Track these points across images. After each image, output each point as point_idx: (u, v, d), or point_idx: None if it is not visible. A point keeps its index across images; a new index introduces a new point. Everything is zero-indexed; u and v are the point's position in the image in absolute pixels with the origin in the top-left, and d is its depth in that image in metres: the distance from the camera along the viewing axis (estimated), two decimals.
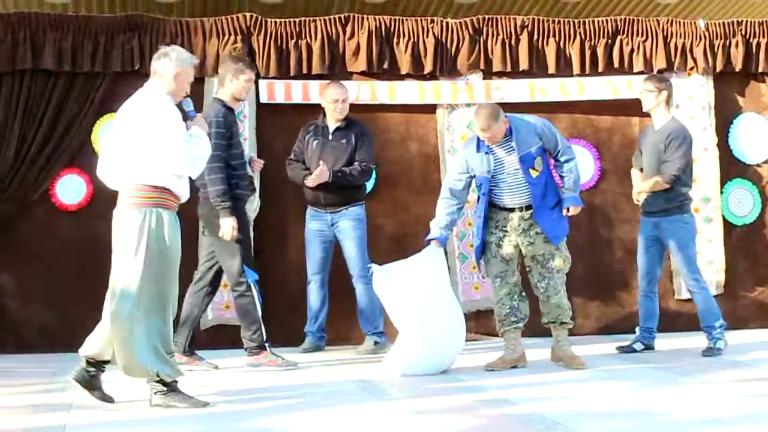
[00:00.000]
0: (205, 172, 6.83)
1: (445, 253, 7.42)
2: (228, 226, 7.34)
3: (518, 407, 5.63)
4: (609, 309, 9.43)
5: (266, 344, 7.48)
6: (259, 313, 7.45)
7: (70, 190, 8.69)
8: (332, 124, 8.38)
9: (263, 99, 8.90)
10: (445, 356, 7.03)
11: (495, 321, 7.47)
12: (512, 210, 7.22)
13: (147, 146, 5.82)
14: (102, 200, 8.57)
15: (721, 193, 9.63)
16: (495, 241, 7.24)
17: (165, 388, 5.82)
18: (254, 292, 7.47)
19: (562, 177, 7.33)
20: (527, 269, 7.34)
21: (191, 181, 6.27)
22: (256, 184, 8.05)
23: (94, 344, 5.96)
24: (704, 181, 9.56)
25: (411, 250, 8.41)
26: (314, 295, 8.35)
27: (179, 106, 6.12)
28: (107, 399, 6.00)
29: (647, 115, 8.68)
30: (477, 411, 5.60)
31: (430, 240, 7.30)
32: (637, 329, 8.27)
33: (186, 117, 6.13)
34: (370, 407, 5.78)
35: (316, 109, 8.64)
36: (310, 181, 8.06)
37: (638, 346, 8.07)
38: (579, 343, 8.18)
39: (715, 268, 9.48)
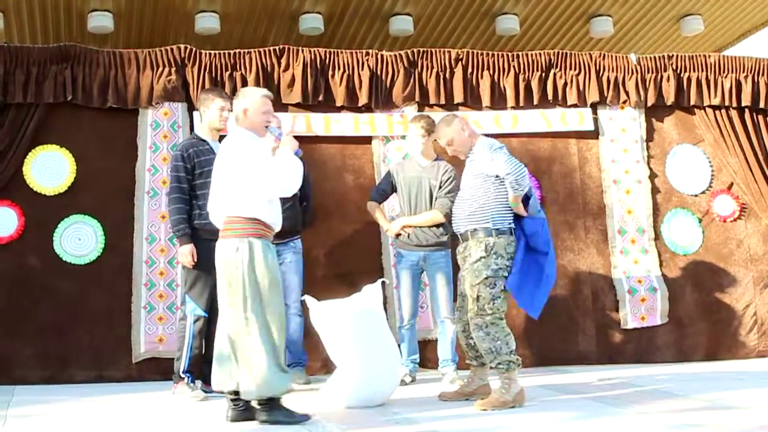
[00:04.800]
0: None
1: (383, 286, 7.37)
2: (182, 253, 7.51)
3: None
4: (551, 340, 9.43)
5: (185, 375, 7.48)
6: (187, 343, 7.44)
7: (1, 222, 8.53)
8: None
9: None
10: (381, 390, 6.99)
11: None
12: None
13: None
14: (33, 233, 8.50)
15: (662, 223, 9.75)
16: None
17: (271, 404, 6.12)
18: (188, 322, 7.48)
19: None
20: None
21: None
22: None
23: (224, 379, 6.19)
24: (638, 212, 9.69)
25: (347, 281, 8.45)
26: None
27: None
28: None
29: (586, 144, 8.88)
30: None
31: None
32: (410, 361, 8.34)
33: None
34: None
35: None
36: None
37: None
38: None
39: (658, 296, 9.58)
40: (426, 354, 8.83)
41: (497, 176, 6.90)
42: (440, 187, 8.17)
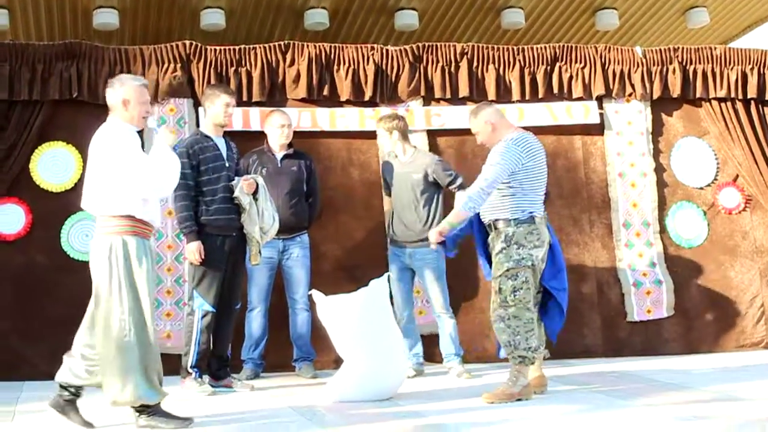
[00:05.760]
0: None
1: (389, 281, 7.37)
2: (189, 251, 7.51)
3: None
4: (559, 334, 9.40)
5: (193, 370, 7.52)
6: (194, 338, 7.47)
7: (8, 219, 8.55)
8: (279, 151, 8.39)
9: (202, 126, 8.87)
10: (388, 384, 7.01)
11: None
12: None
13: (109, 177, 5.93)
14: (41, 230, 8.52)
15: (666, 216, 9.76)
16: None
17: (149, 409, 5.87)
18: (196, 318, 7.50)
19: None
20: None
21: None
22: (270, 207, 7.81)
23: (67, 371, 5.97)
24: (643, 205, 9.68)
25: (354, 276, 8.48)
26: (257, 322, 8.29)
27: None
28: (86, 424, 5.99)
29: (591, 138, 8.93)
30: None
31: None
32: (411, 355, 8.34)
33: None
34: None
35: (257, 137, 8.64)
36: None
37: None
38: None
39: (664, 289, 9.57)
40: (433, 348, 8.84)
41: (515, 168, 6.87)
42: (448, 184, 8.26)
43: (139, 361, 5.80)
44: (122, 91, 6.08)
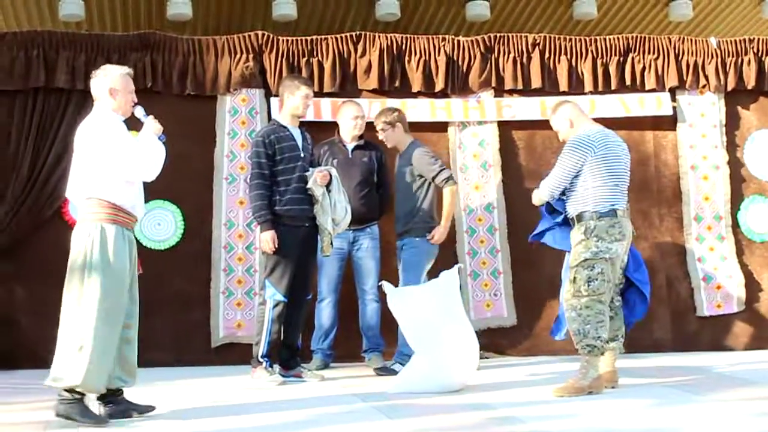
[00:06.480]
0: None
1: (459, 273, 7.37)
2: (263, 240, 7.59)
3: (527, 425, 5.59)
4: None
5: (263, 360, 7.56)
6: (266, 328, 7.51)
7: None
8: (350, 142, 8.42)
9: (275, 116, 8.92)
10: (458, 376, 7.00)
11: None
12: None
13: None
14: None
15: (738, 209, 9.64)
16: None
17: (72, 397, 5.74)
18: (267, 307, 7.55)
19: None
20: None
21: None
22: (343, 199, 7.84)
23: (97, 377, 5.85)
24: (716, 199, 9.57)
25: None
26: (327, 313, 8.35)
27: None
28: (149, 408, 6.08)
29: (662, 130, 8.85)
30: (485, 429, 5.56)
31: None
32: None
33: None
34: (379, 424, 5.74)
35: (328, 127, 8.68)
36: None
37: (397, 367, 7.97)
38: None
39: (735, 283, 9.47)
40: (499, 340, 8.85)
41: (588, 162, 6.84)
42: (433, 179, 8.20)
43: (99, 347, 5.68)
44: (108, 81, 6.08)
